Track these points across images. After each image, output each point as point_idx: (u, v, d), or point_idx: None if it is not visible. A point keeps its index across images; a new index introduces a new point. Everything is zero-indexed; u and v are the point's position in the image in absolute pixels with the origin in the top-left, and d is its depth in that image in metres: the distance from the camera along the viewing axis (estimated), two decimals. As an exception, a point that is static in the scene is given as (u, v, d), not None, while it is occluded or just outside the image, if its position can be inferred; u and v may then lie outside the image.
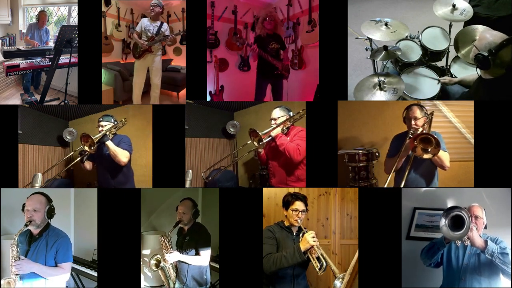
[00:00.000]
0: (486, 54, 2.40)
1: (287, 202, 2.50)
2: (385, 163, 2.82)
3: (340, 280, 2.35)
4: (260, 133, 2.77)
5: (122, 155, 2.92)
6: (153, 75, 3.60)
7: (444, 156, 2.59)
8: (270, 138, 2.85)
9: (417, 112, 2.67)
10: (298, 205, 2.47)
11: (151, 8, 3.49)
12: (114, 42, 4.06)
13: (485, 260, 2.39)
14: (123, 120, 3.08)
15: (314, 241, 2.32)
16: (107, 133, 2.96)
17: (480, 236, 2.38)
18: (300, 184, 2.83)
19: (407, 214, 2.78)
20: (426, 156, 2.47)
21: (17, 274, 2.32)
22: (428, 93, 2.90)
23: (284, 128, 2.87)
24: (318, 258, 2.34)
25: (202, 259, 2.64)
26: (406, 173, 2.57)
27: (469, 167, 2.80)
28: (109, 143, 2.91)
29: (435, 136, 2.45)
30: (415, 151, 2.48)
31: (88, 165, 3.09)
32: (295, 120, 2.91)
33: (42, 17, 3.71)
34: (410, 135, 2.59)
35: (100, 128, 3.01)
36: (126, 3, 3.92)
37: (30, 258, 2.38)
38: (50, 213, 2.45)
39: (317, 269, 2.33)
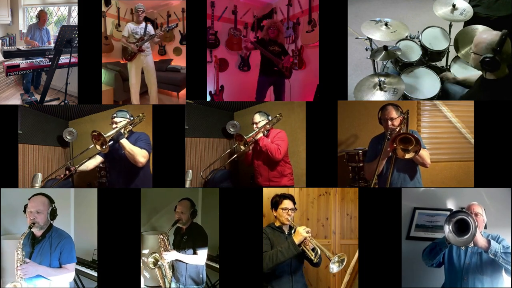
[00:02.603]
0: (491, 55, 2.37)
1: (276, 202, 2.56)
2: (365, 168, 2.81)
3: (336, 264, 2.37)
4: (245, 137, 2.88)
5: (139, 155, 2.65)
6: (148, 74, 3.65)
7: (424, 153, 2.55)
8: (253, 140, 3.00)
9: (393, 113, 2.62)
10: (287, 203, 2.53)
11: (138, 13, 3.59)
12: (114, 42, 4.06)
13: (487, 259, 2.39)
14: (140, 115, 2.79)
15: (307, 233, 2.38)
16: (122, 130, 2.67)
17: (482, 235, 2.37)
18: (283, 179, 2.98)
19: (407, 214, 2.77)
20: (408, 155, 2.44)
21: (22, 277, 2.31)
22: (428, 93, 2.90)
23: (264, 131, 3.04)
24: (313, 249, 2.40)
25: (199, 258, 2.65)
26: (390, 176, 2.57)
27: (469, 167, 2.80)
28: (124, 142, 2.62)
29: (415, 134, 2.44)
30: (396, 153, 2.46)
31: (93, 162, 2.85)
32: (274, 123, 3.10)
33: (42, 15, 3.71)
34: (388, 137, 2.56)
35: (114, 125, 2.75)
36: (126, 3, 3.92)
37: (35, 260, 2.37)
38: (53, 214, 2.42)
39: (313, 259, 2.39)
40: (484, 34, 2.46)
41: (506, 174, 2.73)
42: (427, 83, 2.96)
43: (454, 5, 2.97)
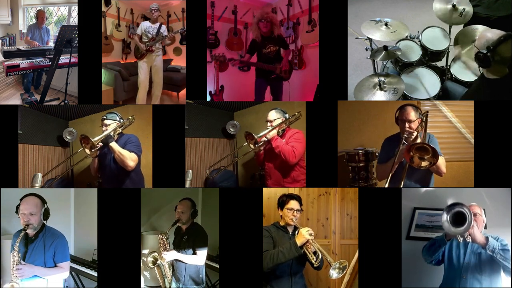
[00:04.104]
0: (485, 51, 2.40)
1: (282, 202, 2.54)
2: (377, 169, 2.78)
3: (336, 270, 2.37)
4: (255, 136, 2.78)
5: (128, 159, 2.66)
6: (155, 74, 3.67)
7: (440, 161, 2.45)
8: (266, 140, 2.85)
9: (411, 114, 2.53)
10: (293, 204, 2.51)
11: (151, 12, 3.58)
12: (114, 42, 4.06)
13: (486, 259, 2.39)
14: (130, 117, 2.80)
15: (310, 235, 2.36)
16: (112, 133, 2.68)
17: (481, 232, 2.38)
18: (296, 185, 2.86)
19: (407, 214, 2.77)
20: (424, 164, 2.36)
21: (18, 277, 2.34)
22: (428, 93, 2.90)
23: (279, 130, 2.88)
24: (314, 253, 2.39)
25: (199, 258, 2.65)
26: (402, 182, 2.54)
27: (469, 167, 2.80)
28: (114, 145, 2.65)
29: (431, 145, 2.39)
30: (413, 161, 2.37)
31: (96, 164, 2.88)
32: (291, 122, 2.91)
33: (40, 15, 3.71)
34: (404, 141, 2.50)
35: (104, 128, 2.77)
36: (126, 3, 3.92)
37: (28, 259, 2.40)
38: (46, 214, 2.45)
39: (314, 262, 2.38)
40: (489, 32, 2.48)
41: (506, 174, 2.73)
42: (427, 83, 2.96)
43: (454, 5, 2.97)
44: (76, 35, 3.08)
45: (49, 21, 3.84)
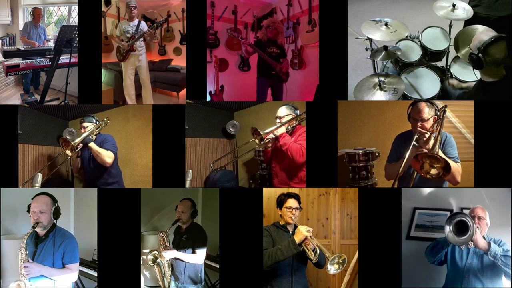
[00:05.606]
0: (476, 52, 2.40)
1: (281, 201, 2.54)
2: (386, 168, 2.70)
3: (335, 265, 2.36)
4: (261, 133, 2.71)
5: (105, 156, 2.88)
6: (142, 74, 3.60)
7: (455, 169, 2.28)
8: (273, 137, 2.77)
9: (425, 112, 2.38)
10: (292, 202, 2.50)
11: (131, 9, 3.49)
12: (114, 42, 4.06)
13: (487, 262, 2.41)
14: (105, 119, 3.04)
15: (308, 232, 2.35)
16: (90, 134, 2.90)
17: (484, 238, 2.39)
18: (302, 185, 2.82)
19: (407, 214, 2.77)
20: (433, 172, 2.20)
21: (25, 277, 2.31)
22: (428, 93, 2.90)
23: (289, 127, 2.81)
24: (313, 250, 2.37)
25: (198, 257, 2.66)
26: (413, 176, 2.48)
27: (469, 167, 2.80)
28: (92, 145, 2.87)
29: (447, 148, 2.34)
30: (422, 167, 2.22)
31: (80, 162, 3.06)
32: (302, 119, 2.82)
33: (37, 12, 3.70)
34: (414, 143, 2.37)
35: (83, 130, 2.97)
36: (126, 3, 3.92)
37: (37, 259, 2.38)
38: (56, 213, 2.44)
39: (312, 258, 2.35)
40: (482, 34, 2.48)
41: (506, 174, 2.73)
42: (427, 83, 2.96)
43: (454, 5, 2.97)
44: (76, 35, 3.08)
45: (49, 21, 3.85)
